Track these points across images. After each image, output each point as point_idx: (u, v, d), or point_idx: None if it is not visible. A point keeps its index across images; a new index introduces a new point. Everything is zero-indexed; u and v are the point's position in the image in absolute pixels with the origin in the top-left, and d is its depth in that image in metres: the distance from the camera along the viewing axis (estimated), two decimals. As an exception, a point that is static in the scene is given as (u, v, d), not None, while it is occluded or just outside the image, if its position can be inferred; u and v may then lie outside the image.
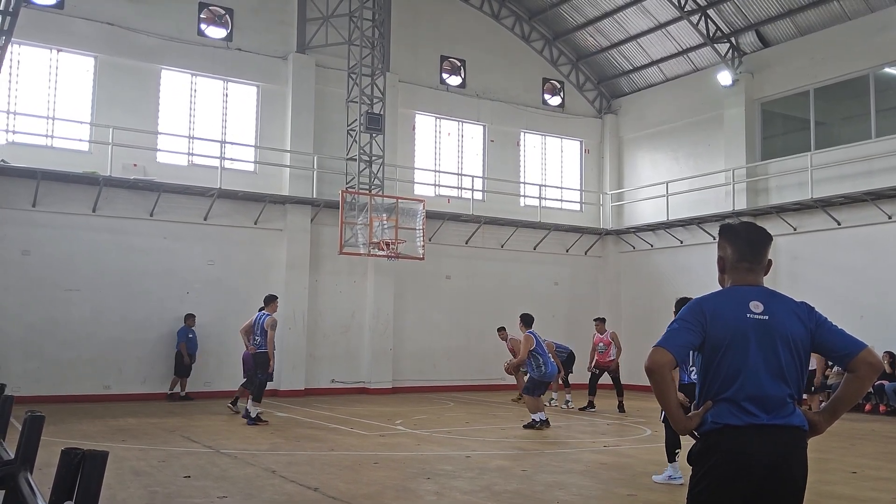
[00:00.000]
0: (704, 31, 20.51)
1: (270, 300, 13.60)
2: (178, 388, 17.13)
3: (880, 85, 18.06)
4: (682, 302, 7.44)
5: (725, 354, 3.21)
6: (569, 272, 23.52)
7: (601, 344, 16.24)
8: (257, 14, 19.58)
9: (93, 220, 17.01)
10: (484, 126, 22.83)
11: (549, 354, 13.95)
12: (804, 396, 15.92)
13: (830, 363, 17.26)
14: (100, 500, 2.19)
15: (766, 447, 3.13)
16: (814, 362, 14.83)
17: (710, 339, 3.26)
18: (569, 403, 16.63)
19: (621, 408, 15.95)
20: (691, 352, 3.48)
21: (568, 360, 17.33)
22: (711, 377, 3.26)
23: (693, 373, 14.01)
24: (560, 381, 16.79)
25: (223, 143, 18.71)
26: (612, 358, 16.19)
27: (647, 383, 3.38)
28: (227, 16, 19.24)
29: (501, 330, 17.74)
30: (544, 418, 12.74)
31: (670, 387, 3.27)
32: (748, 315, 3.26)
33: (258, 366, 13.15)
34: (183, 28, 18.60)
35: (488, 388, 20.95)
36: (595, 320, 16.80)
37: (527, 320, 13.61)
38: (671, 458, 8.27)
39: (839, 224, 18.07)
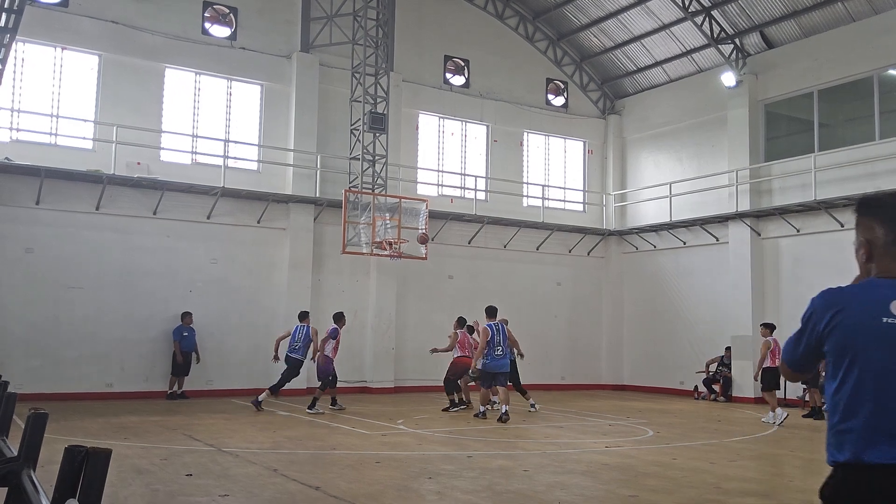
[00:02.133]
0: (708, 32, 20.49)
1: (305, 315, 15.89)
2: (176, 387, 17.15)
3: (884, 87, 18.03)
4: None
5: (851, 369, 2.56)
6: (571, 273, 23.51)
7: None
8: (261, 13, 19.60)
9: (96, 218, 17.04)
10: (487, 126, 22.83)
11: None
12: (804, 393, 15.91)
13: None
14: (102, 498, 2.19)
15: None
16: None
17: (830, 346, 2.63)
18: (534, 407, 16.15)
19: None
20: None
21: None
22: (839, 392, 2.61)
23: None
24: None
25: (227, 141, 18.72)
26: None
27: (652, 384, 3.31)
28: (231, 15, 19.26)
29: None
30: (482, 411, 14.13)
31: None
32: (885, 320, 2.54)
33: (291, 369, 15.43)
34: (187, 27, 18.62)
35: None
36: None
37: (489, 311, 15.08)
38: None
39: (842, 226, 18.02)
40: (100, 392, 16.49)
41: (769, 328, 15.28)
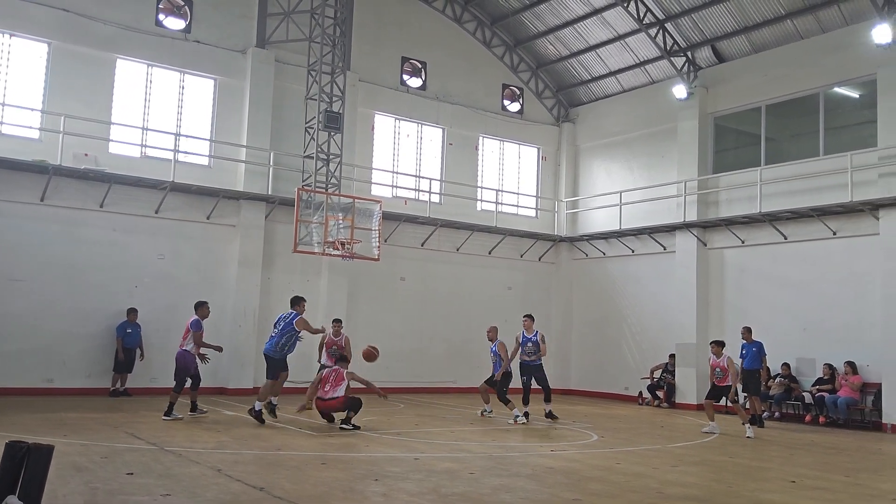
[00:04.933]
0: (662, 45, 20.86)
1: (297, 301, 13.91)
2: (119, 384, 16.81)
3: (830, 104, 18.57)
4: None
5: None
6: (522, 277, 23.70)
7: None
8: (217, 6, 19.36)
9: (41, 209, 16.63)
10: (443, 129, 22.90)
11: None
12: (739, 397, 16.30)
13: (774, 374, 17.69)
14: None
15: None
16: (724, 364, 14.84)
17: None
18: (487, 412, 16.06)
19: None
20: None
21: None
22: None
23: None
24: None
25: (178, 135, 18.44)
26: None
27: (598, 389, 3.38)
28: (185, 7, 18.98)
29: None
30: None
31: None
32: None
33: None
34: (140, 18, 18.30)
35: (440, 391, 21.00)
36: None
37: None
38: None
39: (786, 238, 18.52)
40: (39, 388, 16.09)
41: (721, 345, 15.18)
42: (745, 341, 16.50)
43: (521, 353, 15.33)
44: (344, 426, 12.34)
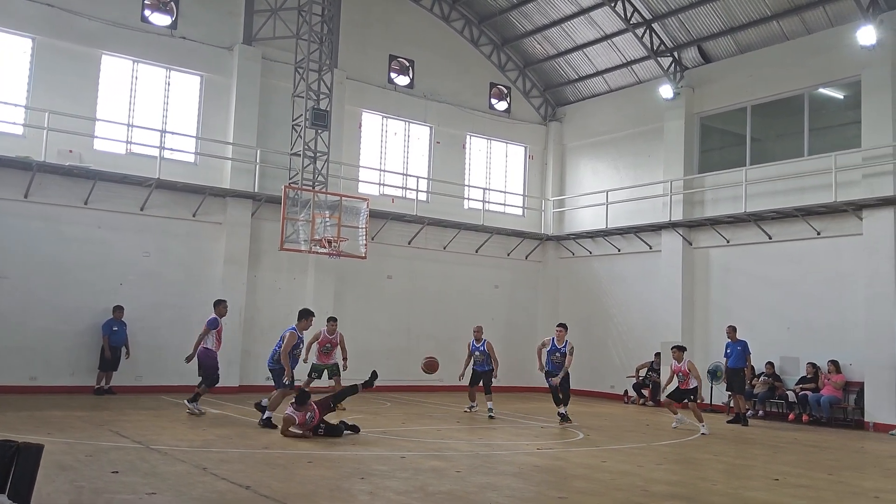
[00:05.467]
0: (649, 45, 20.94)
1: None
2: (104, 382, 16.72)
3: (814, 105, 18.70)
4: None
5: None
6: (509, 276, 23.74)
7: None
8: (204, 3, 19.26)
9: (24, 206, 16.50)
10: (431, 127, 22.89)
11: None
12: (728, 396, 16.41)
13: (758, 373, 17.81)
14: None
15: None
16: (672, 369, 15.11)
17: None
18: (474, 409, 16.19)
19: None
20: None
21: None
22: None
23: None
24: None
25: (163, 132, 18.33)
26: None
27: (584, 388, 3.40)
28: (172, 3, 18.87)
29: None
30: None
31: None
32: None
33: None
34: (126, 13, 18.18)
35: (426, 388, 20.99)
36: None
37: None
38: None
39: (770, 238, 18.64)
40: (23, 385, 15.95)
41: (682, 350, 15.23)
42: (729, 340, 16.61)
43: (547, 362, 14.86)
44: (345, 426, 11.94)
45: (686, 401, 15.00)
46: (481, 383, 15.96)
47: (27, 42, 17.09)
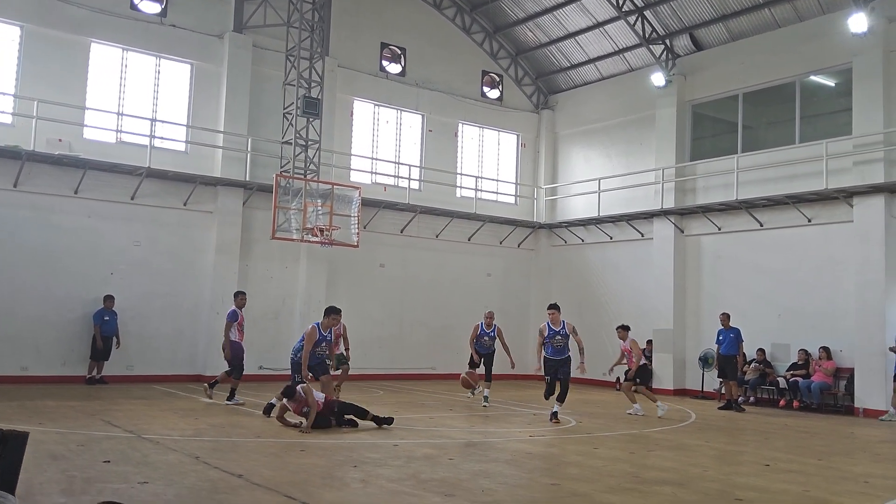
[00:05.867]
0: (640, 32, 20.90)
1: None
2: (95, 372, 16.68)
3: (805, 92, 18.71)
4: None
5: None
6: (502, 264, 23.76)
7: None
8: (194, -10, 19.12)
9: (14, 195, 16.40)
10: (422, 115, 22.83)
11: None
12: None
13: (749, 360, 17.89)
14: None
15: None
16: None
17: None
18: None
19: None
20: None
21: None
22: None
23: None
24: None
25: (153, 121, 18.22)
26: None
27: (576, 375, 3.38)
28: (161, -9, 18.73)
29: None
30: None
31: None
32: None
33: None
34: (115, 1, 18.03)
35: (418, 377, 21.04)
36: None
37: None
38: None
39: (762, 225, 18.69)
40: (14, 375, 15.90)
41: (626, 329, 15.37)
42: (722, 327, 16.67)
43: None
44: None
45: (637, 381, 15.32)
46: (481, 369, 15.82)
47: (15, 30, 16.94)
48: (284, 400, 11.39)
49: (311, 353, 12.19)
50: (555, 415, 12.97)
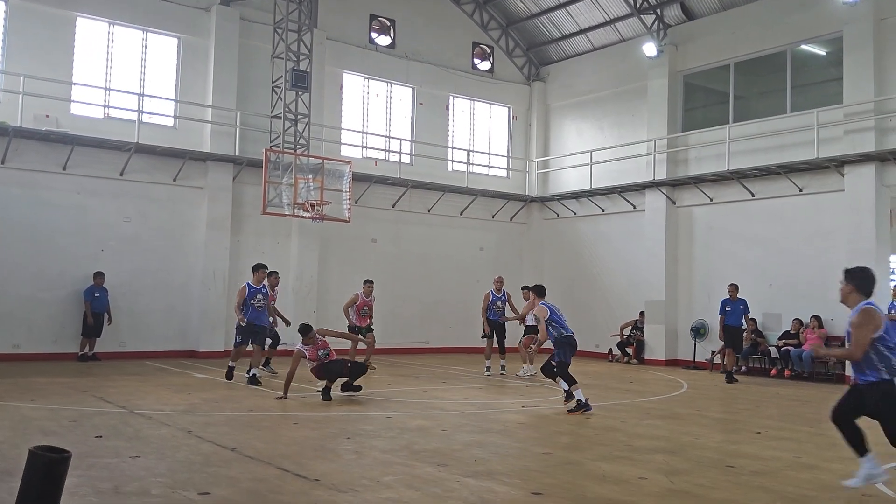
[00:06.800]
0: (632, 2, 20.73)
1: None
2: (87, 349, 16.65)
3: (797, 61, 18.63)
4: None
5: None
6: (494, 238, 23.72)
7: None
8: (179, -37, 18.84)
9: (2, 172, 16.25)
10: (413, 88, 22.65)
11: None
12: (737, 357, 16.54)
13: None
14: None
15: None
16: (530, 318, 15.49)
17: None
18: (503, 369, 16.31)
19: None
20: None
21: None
22: None
23: None
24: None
25: (141, 95, 18.04)
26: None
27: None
28: (146, -37, 18.45)
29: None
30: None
31: None
32: None
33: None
34: (99, -27, 17.77)
35: (412, 351, 21.08)
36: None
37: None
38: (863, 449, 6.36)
39: (753, 195, 18.68)
40: (5, 353, 15.86)
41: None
42: (728, 297, 16.46)
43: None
44: (349, 390, 11.91)
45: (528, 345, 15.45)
46: (495, 343, 16.02)
47: (0, 5, 16.71)
48: (298, 345, 11.60)
49: (250, 307, 13.33)
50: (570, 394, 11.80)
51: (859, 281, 6.43)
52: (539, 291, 12.92)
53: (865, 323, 6.08)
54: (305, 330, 11.66)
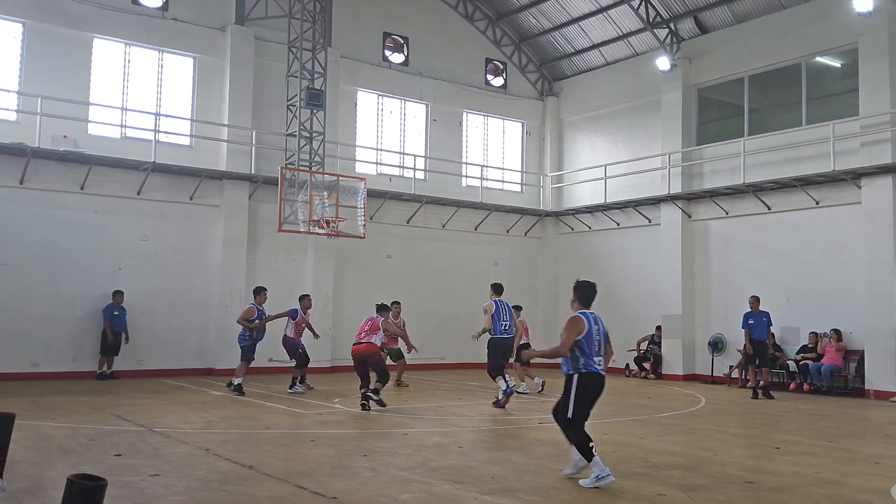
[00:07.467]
0: (644, 16, 20.76)
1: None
2: (105, 367, 16.75)
3: (812, 74, 18.57)
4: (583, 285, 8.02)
5: None
6: (509, 253, 23.72)
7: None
8: (195, -16, 19.08)
9: (20, 192, 16.44)
10: (426, 105, 22.76)
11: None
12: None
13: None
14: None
15: None
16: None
17: None
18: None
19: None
20: None
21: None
22: None
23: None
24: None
25: (158, 115, 18.22)
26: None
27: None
28: (163, -16, 18.69)
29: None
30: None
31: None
32: None
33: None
34: (117, -4, 18.01)
35: (428, 367, 21.04)
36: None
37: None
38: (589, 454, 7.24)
39: (769, 208, 18.59)
40: (25, 372, 15.99)
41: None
42: (750, 310, 16.19)
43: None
44: (371, 396, 12.12)
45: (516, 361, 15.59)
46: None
47: (17, 27, 16.94)
48: (380, 322, 12.54)
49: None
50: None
51: (581, 293, 8.24)
52: (496, 289, 14.31)
53: (571, 327, 7.72)
54: (386, 308, 12.91)
